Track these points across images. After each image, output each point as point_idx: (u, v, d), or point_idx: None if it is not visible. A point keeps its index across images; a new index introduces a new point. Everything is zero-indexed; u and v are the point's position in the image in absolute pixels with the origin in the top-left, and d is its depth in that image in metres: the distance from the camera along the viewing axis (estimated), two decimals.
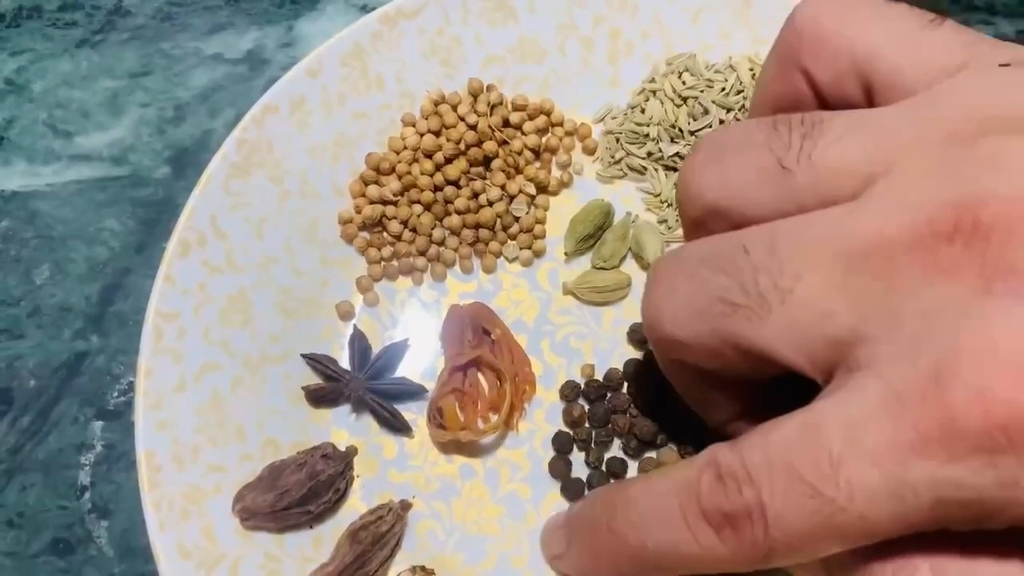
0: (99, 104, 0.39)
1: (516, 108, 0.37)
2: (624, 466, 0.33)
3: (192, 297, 0.33)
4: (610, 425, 0.34)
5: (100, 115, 0.39)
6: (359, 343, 0.34)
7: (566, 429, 0.34)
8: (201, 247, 0.34)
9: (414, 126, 0.37)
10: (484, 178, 0.36)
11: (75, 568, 0.34)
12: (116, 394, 0.36)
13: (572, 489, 0.33)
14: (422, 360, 0.35)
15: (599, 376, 0.34)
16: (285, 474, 0.32)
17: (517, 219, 0.36)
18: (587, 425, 0.34)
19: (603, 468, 0.33)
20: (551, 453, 0.34)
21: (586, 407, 0.34)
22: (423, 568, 0.32)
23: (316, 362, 0.34)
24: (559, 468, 0.33)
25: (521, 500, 0.34)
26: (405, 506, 0.33)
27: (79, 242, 0.37)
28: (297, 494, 0.32)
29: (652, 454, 0.34)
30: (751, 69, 0.36)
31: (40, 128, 0.39)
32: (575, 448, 0.34)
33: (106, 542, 0.34)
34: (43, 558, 0.34)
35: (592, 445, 0.34)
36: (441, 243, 0.36)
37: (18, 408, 0.36)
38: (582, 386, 0.34)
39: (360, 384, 0.34)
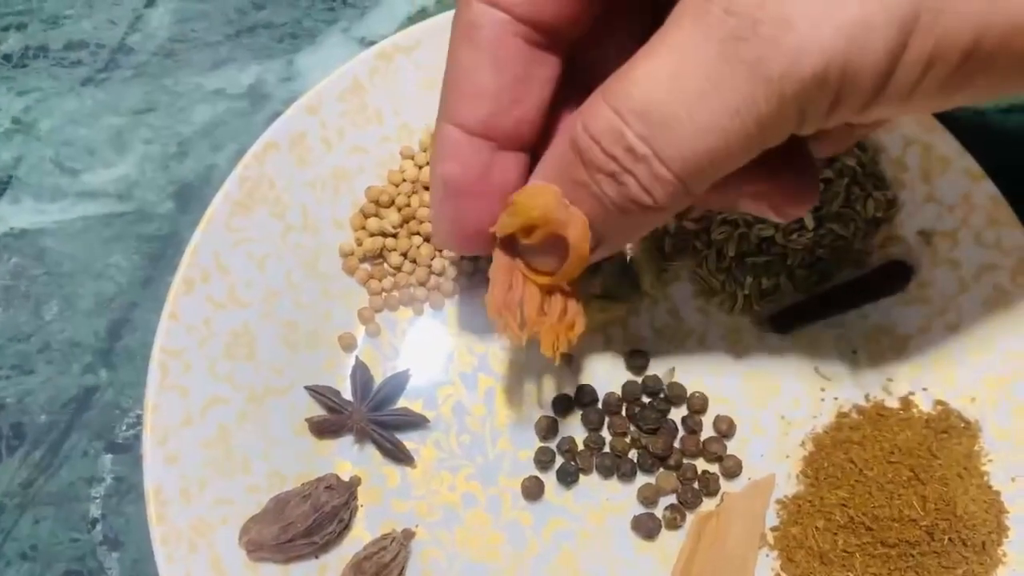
0: (104, 141, 0.40)
1: None
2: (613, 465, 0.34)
3: (197, 333, 0.34)
4: (608, 447, 0.35)
5: (105, 152, 0.40)
6: (361, 374, 0.35)
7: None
8: (205, 283, 0.34)
9: (412, 159, 0.37)
10: None
11: None
12: (125, 427, 0.37)
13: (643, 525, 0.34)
14: (423, 390, 0.36)
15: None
16: (290, 506, 0.33)
17: None
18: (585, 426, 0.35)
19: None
20: (553, 480, 0.35)
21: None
22: None
23: (319, 394, 0.35)
24: (532, 489, 0.34)
25: (523, 527, 0.34)
26: (408, 535, 0.34)
27: (87, 278, 0.38)
28: (302, 526, 0.32)
29: (651, 479, 0.34)
30: None
31: (47, 166, 0.39)
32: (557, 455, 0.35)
33: (118, 573, 0.35)
34: None
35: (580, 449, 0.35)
36: (441, 273, 0.37)
37: (30, 443, 0.36)
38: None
39: (362, 416, 0.34)
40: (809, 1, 0.20)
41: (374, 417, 0.34)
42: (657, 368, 0.36)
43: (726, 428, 0.35)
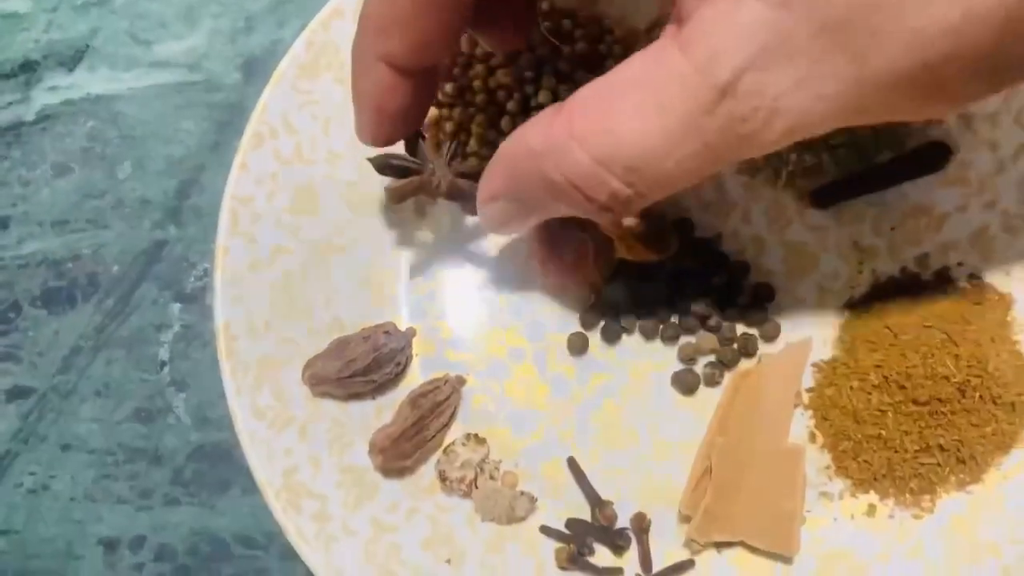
0: (176, 15, 0.41)
1: (566, 16, 0.39)
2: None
3: (265, 185, 0.36)
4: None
5: (177, 25, 0.41)
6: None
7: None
8: (273, 139, 0.36)
9: (468, 33, 0.39)
10: (536, 84, 0.38)
11: (155, 434, 0.37)
12: (193, 279, 0.39)
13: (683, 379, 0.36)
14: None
15: None
16: (351, 346, 0.34)
17: None
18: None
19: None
20: (597, 338, 0.36)
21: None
22: (476, 436, 0.35)
23: (391, 156, 0.33)
24: (577, 344, 0.36)
25: (567, 380, 0.36)
26: (460, 380, 0.35)
27: (158, 141, 0.40)
28: (362, 364, 0.34)
29: (692, 339, 0.36)
30: None
31: (122, 37, 0.41)
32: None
33: (183, 412, 0.37)
34: (126, 425, 0.37)
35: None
36: (493, 144, 0.38)
37: (103, 291, 0.39)
38: None
39: (445, 170, 0.33)
40: (784, 76, 0.21)
41: (458, 169, 0.33)
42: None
43: (766, 294, 0.36)
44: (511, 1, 0.25)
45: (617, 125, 0.23)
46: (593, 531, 0.34)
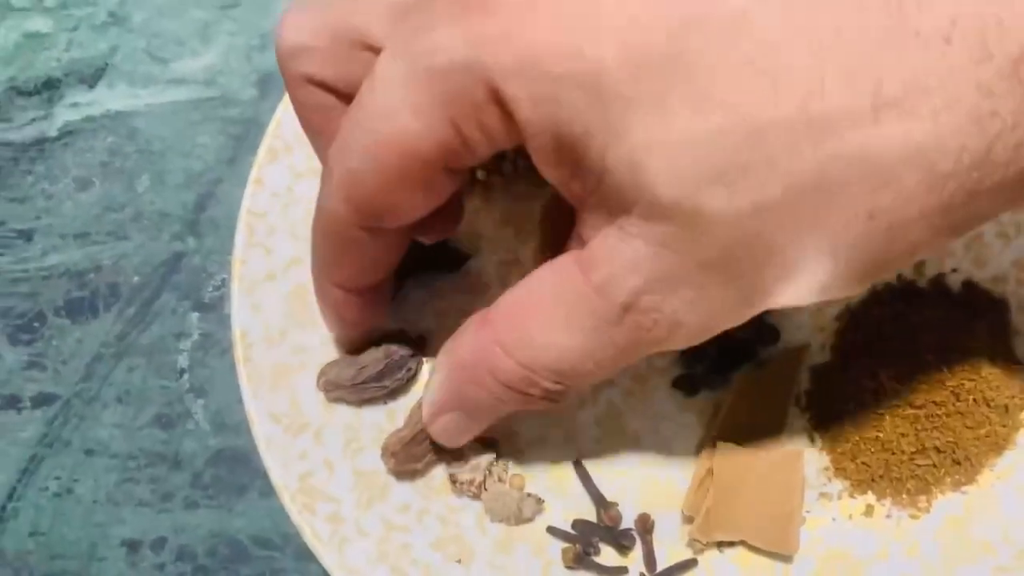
0: (192, 33, 0.43)
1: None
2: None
3: (280, 198, 0.37)
4: None
5: (193, 43, 0.43)
6: None
7: None
8: (288, 154, 0.37)
9: None
10: None
11: (175, 440, 0.38)
12: (211, 289, 0.40)
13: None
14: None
15: None
16: (364, 353, 0.36)
17: None
18: None
19: None
20: None
21: None
22: (485, 439, 0.36)
23: None
24: None
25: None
26: None
27: (176, 155, 0.41)
28: (374, 370, 0.35)
29: None
30: None
31: (140, 55, 0.43)
32: None
33: (202, 418, 0.39)
34: (147, 430, 0.39)
35: None
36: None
37: (124, 300, 0.40)
38: None
39: None
40: (676, 299, 0.24)
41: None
42: None
43: (771, 337, 0.37)
44: (441, 207, 0.28)
45: (535, 337, 0.26)
46: (599, 531, 0.35)
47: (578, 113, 0.21)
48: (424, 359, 0.37)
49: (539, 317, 0.26)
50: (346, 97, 0.27)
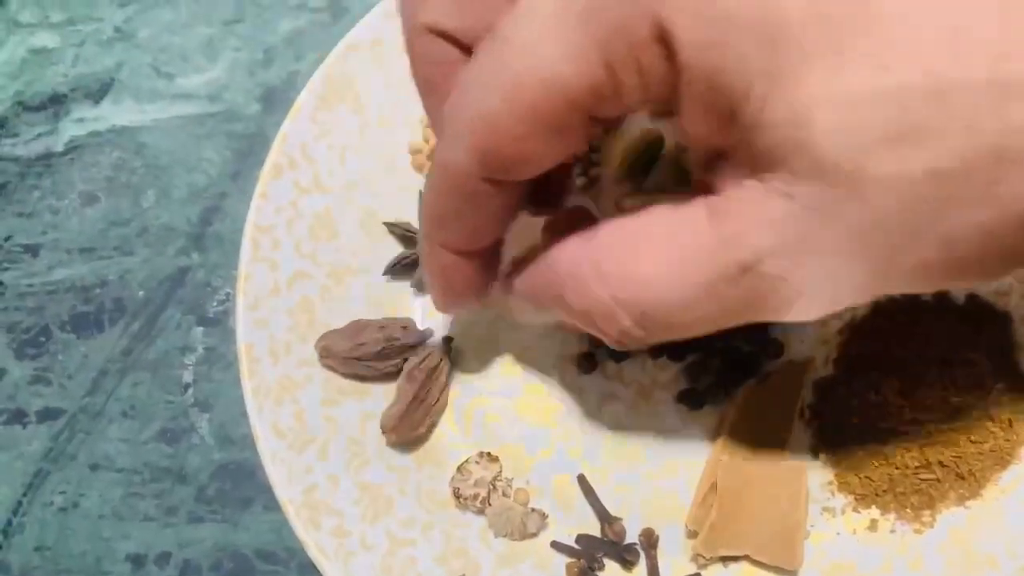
0: (197, 48, 0.43)
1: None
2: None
3: (284, 213, 0.37)
4: None
5: (198, 59, 0.43)
6: None
7: None
8: (292, 170, 0.38)
9: None
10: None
11: (180, 454, 0.39)
12: (215, 304, 0.40)
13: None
14: None
15: None
16: (367, 331, 0.36)
17: None
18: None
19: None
20: (604, 355, 0.38)
21: None
22: (489, 454, 0.36)
23: (396, 226, 0.38)
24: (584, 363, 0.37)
25: (576, 399, 0.37)
26: (447, 340, 0.37)
27: (181, 170, 0.42)
28: (372, 349, 0.35)
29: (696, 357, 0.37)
30: None
31: (145, 70, 0.43)
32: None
33: (207, 432, 0.39)
34: (152, 445, 0.39)
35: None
36: None
37: (129, 315, 0.40)
38: None
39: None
40: (807, 269, 0.21)
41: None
42: None
43: (775, 350, 0.37)
44: (551, 174, 0.26)
45: (641, 274, 0.23)
46: (603, 546, 0.35)
47: (745, 61, 0.20)
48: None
49: (648, 252, 0.23)
50: (468, 50, 0.25)
